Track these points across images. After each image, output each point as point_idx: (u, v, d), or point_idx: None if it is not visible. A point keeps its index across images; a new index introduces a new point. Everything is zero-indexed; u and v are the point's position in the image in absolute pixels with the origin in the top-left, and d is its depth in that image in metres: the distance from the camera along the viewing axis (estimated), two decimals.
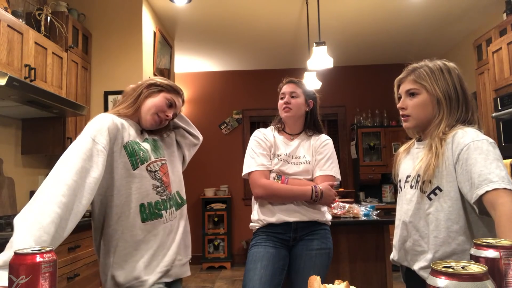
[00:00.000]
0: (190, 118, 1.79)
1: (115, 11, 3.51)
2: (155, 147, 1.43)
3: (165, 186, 1.38)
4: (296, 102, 1.89)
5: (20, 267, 0.68)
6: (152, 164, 1.36)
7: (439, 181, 1.23)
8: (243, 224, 5.35)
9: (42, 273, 0.69)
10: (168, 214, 1.37)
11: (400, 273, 1.46)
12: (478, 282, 0.56)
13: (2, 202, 2.57)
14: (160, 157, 1.42)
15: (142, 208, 1.30)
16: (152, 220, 1.31)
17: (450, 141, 1.23)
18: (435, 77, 1.31)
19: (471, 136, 1.20)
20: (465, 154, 1.18)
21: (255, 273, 1.71)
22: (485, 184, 1.11)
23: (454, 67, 1.35)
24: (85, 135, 1.21)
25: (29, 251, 0.70)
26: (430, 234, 1.24)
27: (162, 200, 1.36)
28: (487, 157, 1.15)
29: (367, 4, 3.81)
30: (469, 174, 1.16)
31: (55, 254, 0.73)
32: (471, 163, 1.16)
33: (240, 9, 3.86)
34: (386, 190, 5.38)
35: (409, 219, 1.30)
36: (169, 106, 1.45)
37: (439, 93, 1.30)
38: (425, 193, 1.26)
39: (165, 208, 1.36)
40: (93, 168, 1.16)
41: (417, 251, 1.28)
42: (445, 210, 1.22)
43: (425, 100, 1.32)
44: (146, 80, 1.47)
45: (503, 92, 3.20)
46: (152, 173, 1.35)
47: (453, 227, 1.21)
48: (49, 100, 2.45)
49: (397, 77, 1.45)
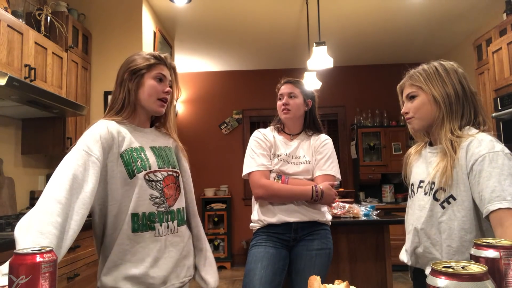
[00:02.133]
0: (190, 118, 1.79)
1: (115, 11, 3.51)
2: (166, 156, 1.36)
3: (165, 198, 1.30)
4: (294, 103, 1.89)
5: (20, 267, 0.68)
6: (154, 174, 1.29)
7: (453, 190, 1.23)
8: (243, 224, 5.35)
9: (42, 273, 0.69)
10: (163, 228, 1.28)
11: (400, 273, 1.46)
12: (478, 282, 0.56)
13: (2, 202, 2.57)
14: (168, 167, 1.34)
15: (134, 217, 1.24)
16: (142, 231, 1.25)
17: (464, 150, 1.22)
18: (429, 77, 1.33)
19: (487, 147, 1.18)
20: (479, 166, 1.17)
21: (256, 273, 1.71)
22: (498, 201, 1.11)
23: (451, 65, 1.34)
24: (78, 147, 1.18)
25: (29, 251, 0.70)
26: (443, 242, 1.24)
27: (158, 212, 1.28)
28: (502, 172, 1.14)
29: (367, 4, 3.81)
30: (481, 187, 1.15)
31: (55, 254, 0.73)
32: (485, 176, 1.15)
33: (240, 9, 3.86)
34: (386, 190, 5.38)
35: (420, 226, 1.30)
36: (160, 81, 1.35)
37: (435, 92, 1.30)
38: (438, 201, 1.26)
39: (160, 221, 1.28)
40: (87, 182, 1.13)
41: (429, 257, 1.28)
42: (459, 219, 1.21)
43: (423, 101, 1.33)
44: (125, 70, 1.34)
45: (503, 92, 3.20)
46: (152, 183, 1.28)
47: (467, 236, 1.20)
48: (49, 100, 2.45)
49: (398, 83, 1.47)
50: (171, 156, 1.40)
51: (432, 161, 1.33)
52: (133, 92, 1.32)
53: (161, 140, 1.41)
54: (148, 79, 1.33)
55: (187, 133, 5.66)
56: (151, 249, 1.26)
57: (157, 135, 1.42)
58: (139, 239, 1.25)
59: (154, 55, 1.37)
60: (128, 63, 1.36)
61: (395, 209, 4.82)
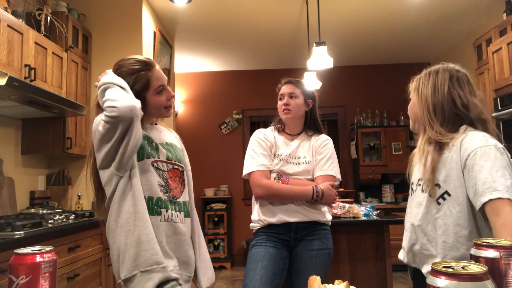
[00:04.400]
0: (190, 118, 1.80)
1: (115, 11, 3.51)
2: (174, 152, 1.44)
3: (169, 188, 1.37)
4: (295, 103, 1.89)
5: (20, 267, 0.68)
6: (161, 163, 1.36)
7: (447, 186, 1.23)
8: (243, 224, 5.35)
9: (42, 273, 0.69)
10: (168, 214, 1.33)
11: (400, 273, 1.46)
12: (478, 282, 0.56)
13: (2, 202, 2.57)
14: (175, 161, 1.42)
15: (149, 201, 1.30)
16: (151, 215, 1.30)
17: (458, 146, 1.23)
18: (419, 79, 1.37)
19: (479, 142, 1.19)
20: (471, 160, 1.18)
21: (256, 273, 1.71)
22: (489, 192, 1.11)
23: (449, 68, 1.33)
24: None
25: (29, 251, 0.70)
26: (438, 238, 1.24)
27: (165, 199, 1.34)
28: (494, 165, 1.14)
29: (367, 4, 3.81)
30: (474, 181, 1.16)
31: (55, 254, 0.73)
32: (477, 170, 1.16)
33: (240, 9, 3.86)
34: (386, 190, 5.38)
35: (417, 222, 1.31)
36: (161, 92, 1.39)
37: (418, 94, 1.35)
38: (433, 198, 1.26)
39: (166, 208, 1.33)
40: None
41: (425, 254, 1.29)
42: (454, 215, 1.22)
43: (413, 102, 1.39)
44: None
45: (503, 92, 3.20)
46: (159, 171, 1.35)
47: (462, 232, 1.21)
48: (49, 100, 2.45)
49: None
50: (177, 151, 1.47)
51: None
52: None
53: (168, 136, 1.50)
54: (152, 96, 1.37)
55: (187, 133, 5.65)
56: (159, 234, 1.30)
57: (165, 132, 1.51)
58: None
59: (146, 64, 1.36)
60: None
61: (395, 209, 4.82)
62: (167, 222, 1.33)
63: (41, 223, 2.13)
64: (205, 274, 1.46)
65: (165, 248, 1.30)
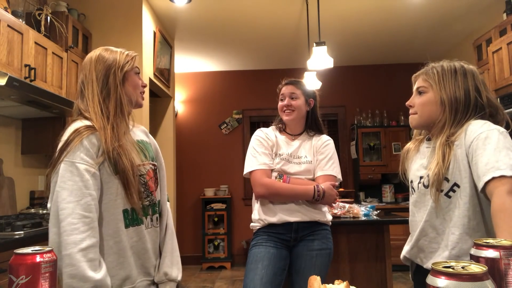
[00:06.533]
0: (190, 118, 1.79)
1: (115, 11, 3.51)
2: (146, 149, 1.36)
3: (150, 192, 1.30)
4: (296, 104, 1.89)
5: (20, 267, 0.68)
6: (137, 168, 1.27)
7: (456, 178, 1.22)
8: (243, 224, 5.35)
9: (42, 273, 0.69)
10: (147, 220, 1.29)
11: (400, 273, 1.46)
12: (478, 282, 0.56)
13: (2, 202, 2.57)
14: (148, 160, 1.34)
15: (125, 214, 1.23)
16: (133, 226, 1.24)
17: (463, 134, 1.22)
18: (444, 77, 1.29)
19: (483, 127, 1.19)
20: (474, 145, 1.17)
21: (256, 273, 1.71)
22: (492, 171, 1.09)
23: (472, 70, 1.31)
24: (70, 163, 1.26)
25: (29, 251, 0.70)
26: (448, 231, 1.23)
27: (144, 206, 1.27)
28: (497, 146, 1.13)
29: (367, 4, 3.81)
30: (477, 163, 1.14)
31: (55, 254, 0.73)
32: (479, 153, 1.15)
33: (240, 9, 3.86)
34: (386, 190, 5.38)
35: (425, 218, 1.29)
36: (139, 74, 1.37)
37: (444, 94, 1.28)
38: (442, 192, 1.24)
39: (146, 215, 1.28)
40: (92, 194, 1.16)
41: (433, 248, 1.28)
42: (461, 207, 1.21)
43: (430, 99, 1.31)
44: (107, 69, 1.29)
45: (503, 92, 3.20)
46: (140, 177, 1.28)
47: (470, 223, 1.20)
48: (49, 100, 2.45)
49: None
50: (150, 149, 1.39)
51: (430, 155, 1.31)
52: (120, 89, 1.31)
53: (138, 133, 1.40)
54: (130, 74, 1.33)
55: (187, 133, 5.66)
56: (147, 242, 1.28)
57: (134, 129, 1.40)
58: (132, 234, 1.24)
59: (122, 51, 1.35)
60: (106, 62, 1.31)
61: (395, 209, 4.82)
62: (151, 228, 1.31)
63: (41, 223, 2.13)
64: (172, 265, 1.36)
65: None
